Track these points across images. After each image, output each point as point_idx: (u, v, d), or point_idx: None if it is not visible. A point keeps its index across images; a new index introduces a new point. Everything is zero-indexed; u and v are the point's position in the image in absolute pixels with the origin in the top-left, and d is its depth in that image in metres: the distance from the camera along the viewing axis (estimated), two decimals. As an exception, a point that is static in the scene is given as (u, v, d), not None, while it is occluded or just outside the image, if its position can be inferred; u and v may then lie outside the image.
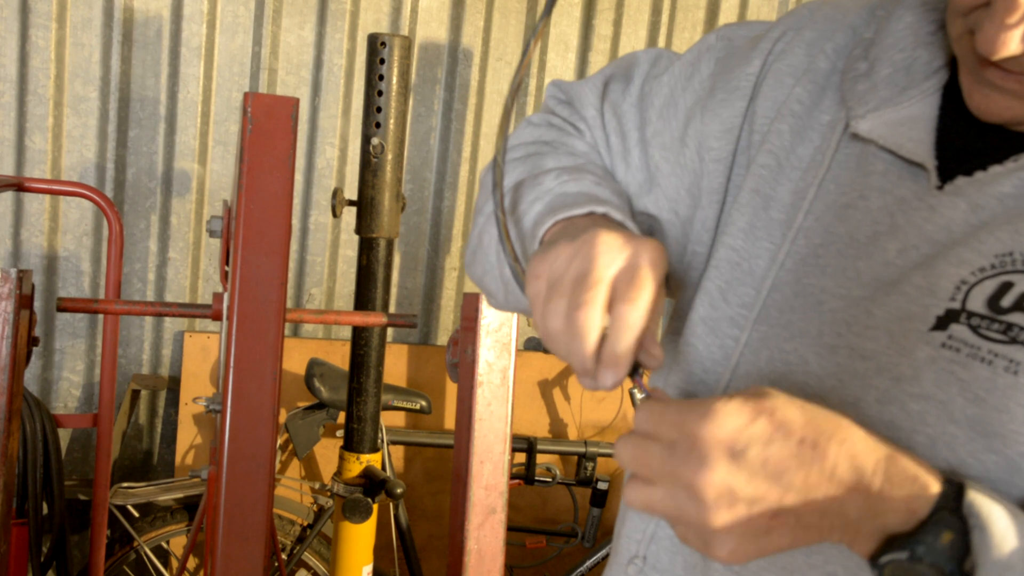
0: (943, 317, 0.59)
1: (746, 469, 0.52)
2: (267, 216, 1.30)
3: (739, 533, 0.53)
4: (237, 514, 1.31)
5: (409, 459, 2.80)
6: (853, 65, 0.72)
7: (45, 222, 2.60)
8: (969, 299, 0.59)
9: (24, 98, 2.54)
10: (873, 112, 0.68)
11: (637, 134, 0.83)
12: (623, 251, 0.60)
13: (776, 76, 0.76)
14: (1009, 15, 0.56)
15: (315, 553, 2.53)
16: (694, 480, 0.52)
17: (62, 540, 2.11)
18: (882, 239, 0.65)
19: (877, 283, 0.64)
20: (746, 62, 0.78)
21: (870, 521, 0.54)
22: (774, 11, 3.01)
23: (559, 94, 0.91)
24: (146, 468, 2.79)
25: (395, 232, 1.96)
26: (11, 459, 1.35)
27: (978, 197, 0.62)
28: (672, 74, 0.83)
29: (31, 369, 2.60)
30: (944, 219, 0.63)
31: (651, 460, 0.55)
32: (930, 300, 0.61)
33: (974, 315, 0.59)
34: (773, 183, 0.73)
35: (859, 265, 0.66)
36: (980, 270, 0.59)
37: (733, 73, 0.79)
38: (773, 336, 0.69)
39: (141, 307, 1.52)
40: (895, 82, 0.68)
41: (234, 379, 1.29)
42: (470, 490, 1.65)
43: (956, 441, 0.58)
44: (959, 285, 0.60)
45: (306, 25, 2.70)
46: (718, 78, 0.80)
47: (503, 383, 1.66)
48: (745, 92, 0.77)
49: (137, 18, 2.59)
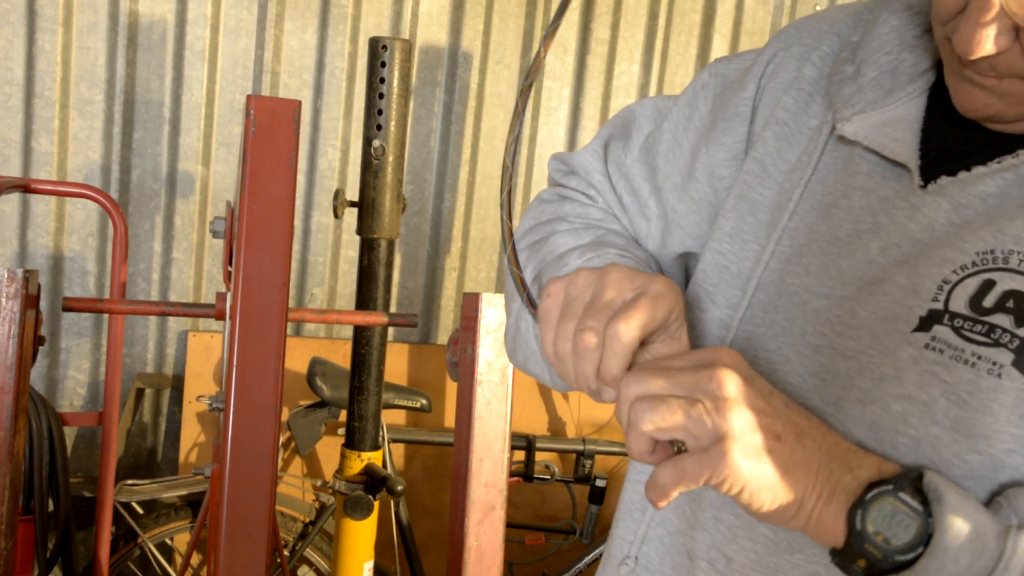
0: (926, 318, 0.60)
1: (756, 387, 0.56)
2: (269, 217, 1.31)
3: (748, 443, 0.54)
4: (240, 511, 1.32)
5: (410, 457, 2.82)
6: (839, 68, 0.72)
7: (51, 223, 2.63)
8: (951, 299, 0.59)
9: (31, 101, 2.56)
10: (859, 115, 0.68)
11: (648, 185, 0.84)
12: (635, 281, 0.62)
13: (770, 95, 0.77)
14: (983, 14, 0.57)
15: (317, 550, 2.54)
16: (712, 380, 0.55)
17: (68, 536, 2.13)
18: (864, 237, 0.66)
19: (860, 282, 0.64)
20: (741, 88, 0.79)
21: (848, 472, 0.56)
22: (769, 14, 3.03)
23: (562, 167, 0.92)
24: (150, 466, 2.80)
25: (396, 233, 1.97)
26: (18, 457, 1.36)
27: (960, 197, 0.62)
28: (672, 119, 0.84)
29: (37, 368, 2.62)
30: (927, 218, 0.63)
31: (667, 376, 0.57)
32: (913, 300, 0.61)
33: (957, 316, 0.59)
34: (759, 187, 0.74)
35: (841, 264, 0.66)
36: (962, 268, 0.60)
37: (730, 102, 0.80)
38: (757, 335, 0.70)
39: (145, 307, 1.53)
40: (881, 84, 0.69)
41: (237, 378, 1.30)
42: (470, 487, 1.66)
43: (940, 442, 0.58)
44: (941, 285, 0.60)
45: (308, 29, 2.73)
46: (717, 112, 0.81)
47: (502, 382, 1.67)
48: (744, 117, 0.79)
49: (142, 22, 2.61)
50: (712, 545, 0.71)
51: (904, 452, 0.59)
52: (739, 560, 0.69)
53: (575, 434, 2.88)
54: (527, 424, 2.84)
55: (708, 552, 0.71)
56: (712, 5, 2.98)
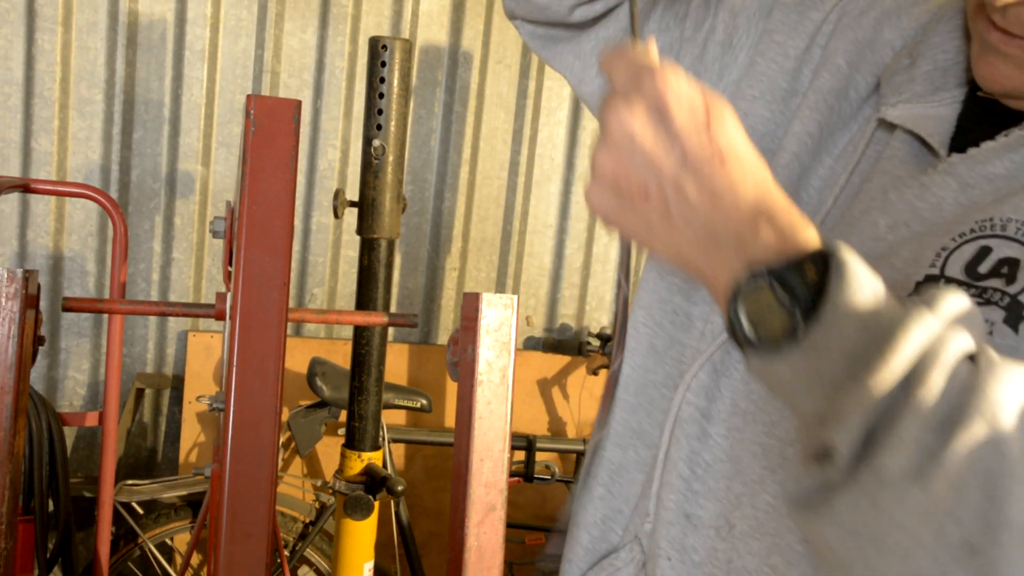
0: (921, 283, 0.61)
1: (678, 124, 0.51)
2: (269, 217, 1.31)
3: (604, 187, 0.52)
4: (240, 511, 1.32)
5: (410, 457, 2.82)
6: (897, 60, 0.73)
7: (51, 223, 2.63)
8: (948, 265, 0.60)
9: (30, 101, 2.56)
10: (905, 103, 0.69)
11: None
12: None
13: (843, 41, 0.76)
14: None
15: (317, 550, 2.54)
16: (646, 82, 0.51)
17: (68, 537, 2.13)
18: (873, 214, 0.67)
19: (868, 257, 0.62)
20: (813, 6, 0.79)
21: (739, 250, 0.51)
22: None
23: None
24: (150, 466, 2.81)
25: (396, 233, 1.98)
26: (17, 457, 1.36)
27: (968, 176, 0.63)
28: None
29: (37, 368, 2.62)
30: (935, 197, 0.64)
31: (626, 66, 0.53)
32: (912, 268, 0.62)
33: (952, 280, 0.59)
34: (809, 159, 0.74)
35: (851, 240, 0.66)
36: (960, 235, 0.60)
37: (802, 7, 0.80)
38: None
39: (145, 307, 1.53)
40: (931, 80, 0.69)
41: (237, 378, 1.30)
42: (470, 487, 1.66)
43: None
44: (939, 252, 0.61)
45: (308, 28, 2.73)
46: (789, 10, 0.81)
47: (503, 382, 1.67)
48: (808, 31, 0.78)
49: (142, 22, 2.61)
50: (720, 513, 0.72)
51: None
52: (740, 527, 0.70)
53: (575, 434, 2.88)
54: (527, 424, 2.84)
55: (715, 520, 0.72)
56: (712, 5, 2.98)
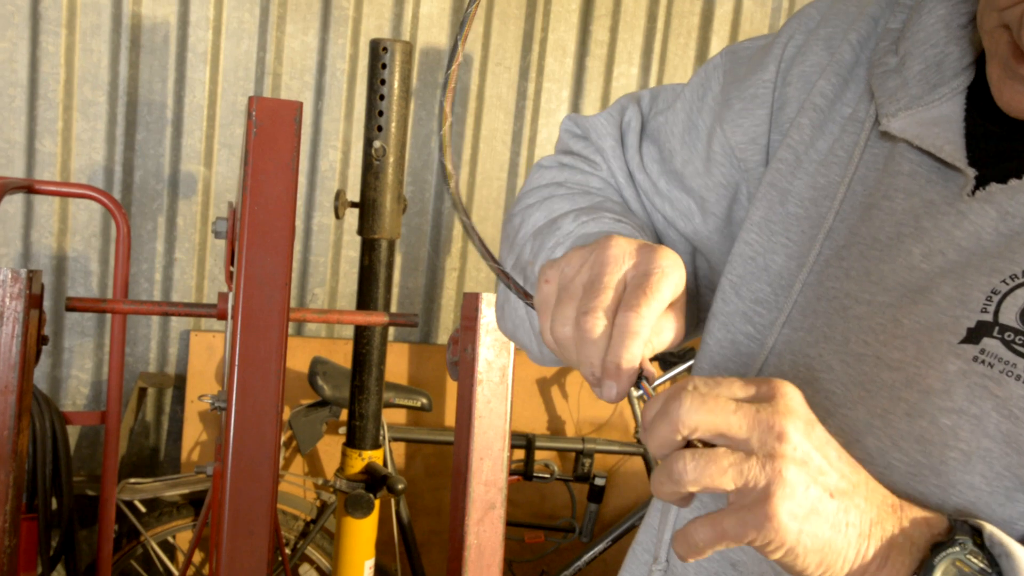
0: (974, 329, 0.57)
1: (815, 437, 0.51)
2: (271, 217, 1.32)
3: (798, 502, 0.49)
4: (242, 509, 1.33)
5: (410, 456, 2.83)
6: (882, 59, 0.69)
7: (54, 224, 2.64)
8: (1001, 311, 0.56)
9: (34, 102, 2.58)
10: (905, 110, 0.65)
11: (658, 167, 0.82)
12: (634, 257, 0.58)
13: (802, 79, 0.73)
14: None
15: (318, 548, 2.55)
16: (772, 430, 0.49)
17: (71, 535, 2.14)
18: (907, 242, 0.62)
19: (903, 289, 0.62)
20: (760, 68, 0.76)
21: (899, 531, 0.52)
22: (767, 16, 3.04)
23: (574, 128, 0.89)
24: (153, 464, 2.82)
25: (396, 233, 1.99)
26: (21, 455, 1.37)
27: (1008, 205, 0.59)
28: (684, 99, 0.82)
29: (40, 367, 2.63)
30: (973, 226, 0.60)
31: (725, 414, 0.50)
32: (960, 311, 0.58)
33: (1008, 329, 0.56)
34: (790, 177, 0.71)
35: (883, 268, 0.63)
36: (1012, 278, 0.57)
37: (747, 81, 0.77)
38: (797, 340, 0.67)
39: (148, 307, 1.55)
40: (926, 79, 0.66)
41: (239, 377, 1.32)
42: (470, 486, 1.67)
43: (991, 455, 0.56)
44: (990, 295, 0.57)
45: (309, 31, 2.74)
46: (730, 88, 0.78)
47: (502, 381, 1.68)
48: (764, 99, 0.75)
49: (145, 24, 2.63)
50: None
51: (954, 467, 0.57)
52: None
53: (574, 433, 2.89)
54: (527, 423, 2.85)
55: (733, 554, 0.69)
56: (710, 7, 2.99)
